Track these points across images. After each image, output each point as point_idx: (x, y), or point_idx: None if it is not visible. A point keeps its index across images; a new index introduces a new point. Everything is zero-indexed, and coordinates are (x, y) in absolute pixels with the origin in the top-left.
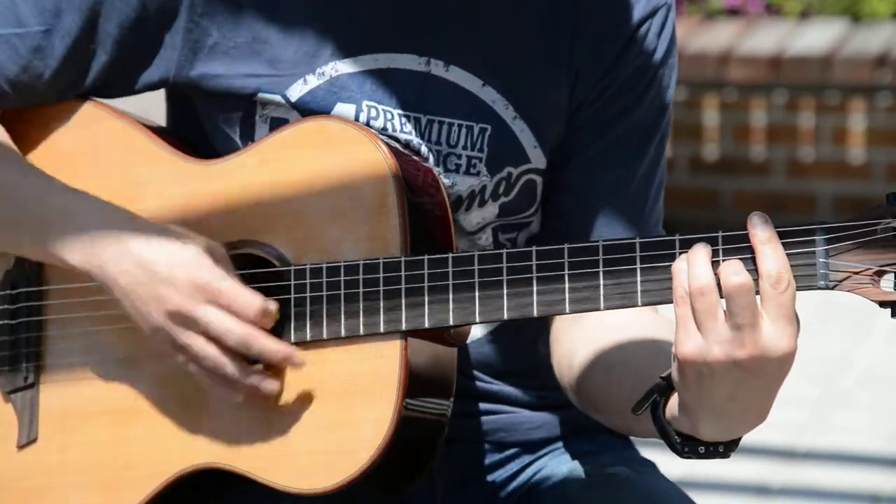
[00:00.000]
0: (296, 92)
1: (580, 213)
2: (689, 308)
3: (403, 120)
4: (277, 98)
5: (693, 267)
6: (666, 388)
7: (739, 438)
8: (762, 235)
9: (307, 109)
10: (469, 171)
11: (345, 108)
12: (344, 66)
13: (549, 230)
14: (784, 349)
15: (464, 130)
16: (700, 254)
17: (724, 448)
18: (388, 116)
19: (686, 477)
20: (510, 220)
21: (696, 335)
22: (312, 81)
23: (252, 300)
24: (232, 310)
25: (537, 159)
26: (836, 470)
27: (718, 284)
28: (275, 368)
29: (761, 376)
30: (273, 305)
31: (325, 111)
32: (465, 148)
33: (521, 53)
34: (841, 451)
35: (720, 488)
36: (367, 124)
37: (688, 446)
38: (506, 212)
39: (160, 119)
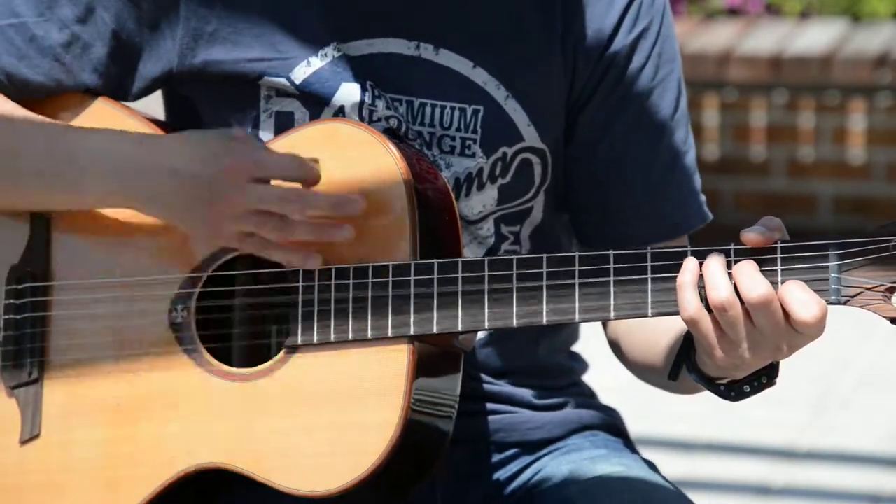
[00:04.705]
0: (300, 74)
1: (609, 205)
2: (707, 324)
3: (396, 104)
4: (282, 81)
5: (711, 279)
6: (690, 346)
7: (777, 364)
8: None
9: (312, 91)
10: (464, 153)
11: (350, 88)
12: (343, 49)
13: (582, 225)
14: (816, 323)
15: (456, 112)
16: (717, 267)
17: (767, 378)
18: (384, 99)
19: (686, 477)
20: (511, 206)
21: (720, 349)
22: (316, 63)
23: (287, 161)
24: (275, 176)
25: (531, 137)
26: (837, 470)
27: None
28: (293, 359)
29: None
30: (312, 160)
31: (329, 92)
32: (458, 130)
33: (511, 33)
34: (841, 451)
35: (720, 488)
36: (373, 104)
37: (734, 390)
38: (505, 196)
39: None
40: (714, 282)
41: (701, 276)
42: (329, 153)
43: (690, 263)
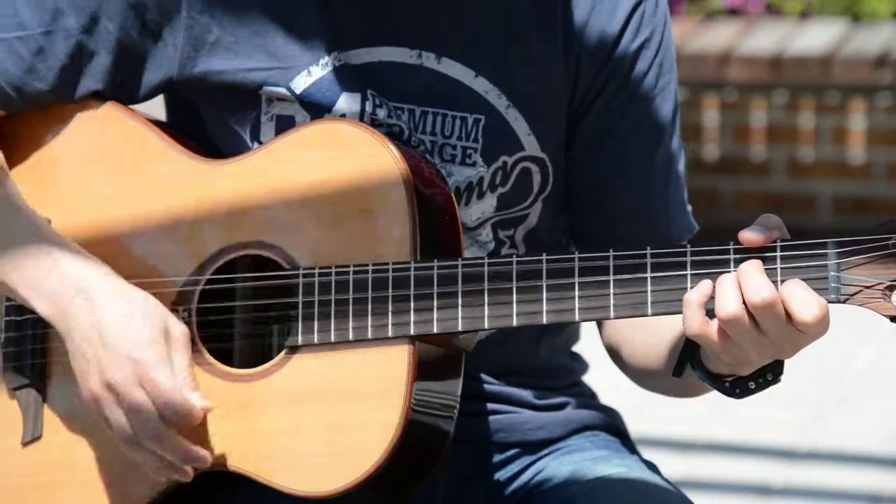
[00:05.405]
0: (301, 84)
1: (608, 208)
2: (712, 337)
3: (398, 112)
4: (282, 91)
5: (723, 294)
6: (694, 344)
7: (782, 361)
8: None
9: (312, 101)
10: (465, 162)
11: (351, 97)
12: (343, 58)
13: (580, 227)
14: (817, 323)
15: (458, 121)
16: (729, 283)
17: (772, 375)
18: (385, 108)
19: (686, 477)
20: (508, 213)
21: (725, 354)
22: (316, 73)
23: (175, 404)
24: (158, 403)
25: (531, 146)
26: (837, 470)
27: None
28: (294, 359)
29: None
30: (199, 408)
31: (330, 102)
32: (459, 139)
33: (512, 42)
34: (842, 451)
35: (720, 488)
36: (373, 113)
37: (739, 387)
38: (504, 204)
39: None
40: (725, 296)
41: (711, 298)
42: (329, 153)
43: (704, 284)
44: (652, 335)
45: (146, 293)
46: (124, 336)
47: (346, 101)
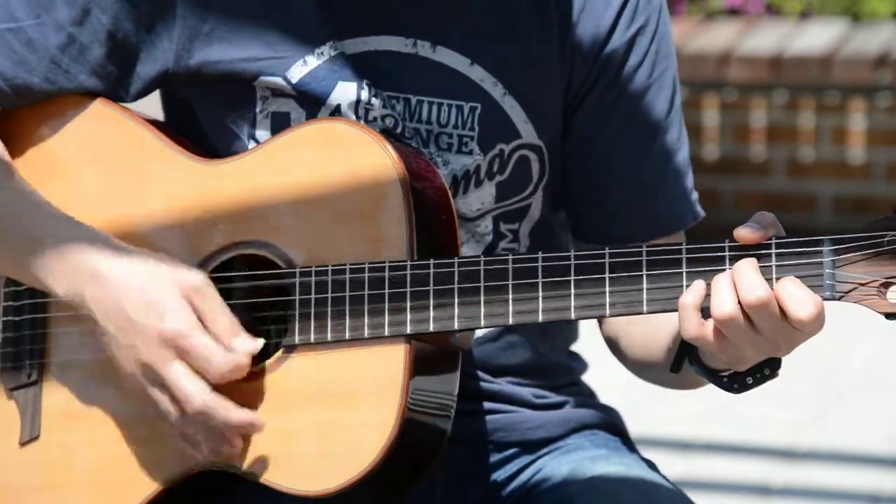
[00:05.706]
0: (296, 73)
1: (603, 202)
2: (708, 338)
3: (393, 102)
4: (278, 80)
5: (718, 294)
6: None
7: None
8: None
9: (308, 91)
10: (461, 150)
11: (347, 87)
12: (339, 47)
13: (577, 222)
14: (812, 321)
15: (454, 110)
16: (725, 282)
17: (770, 370)
18: (381, 98)
19: (686, 477)
20: (509, 203)
21: (722, 353)
22: (312, 62)
23: (220, 361)
24: (199, 368)
25: (528, 134)
26: (837, 470)
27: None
28: (291, 358)
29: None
30: (246, 356)
31: (326, 91)
32: (455, 127)
33: (508, 30)
34: (841, 451)
35: (720, 488)
36: (369, 103)
37: (736, 382)
38: (503, 194)
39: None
40: (720, 295)
41: (706, 297)
42: (325, 153)
43: (698, 286)
44: (650, 328)
45: (152, 259)
46: (149, 312)
47: (343, 90)
